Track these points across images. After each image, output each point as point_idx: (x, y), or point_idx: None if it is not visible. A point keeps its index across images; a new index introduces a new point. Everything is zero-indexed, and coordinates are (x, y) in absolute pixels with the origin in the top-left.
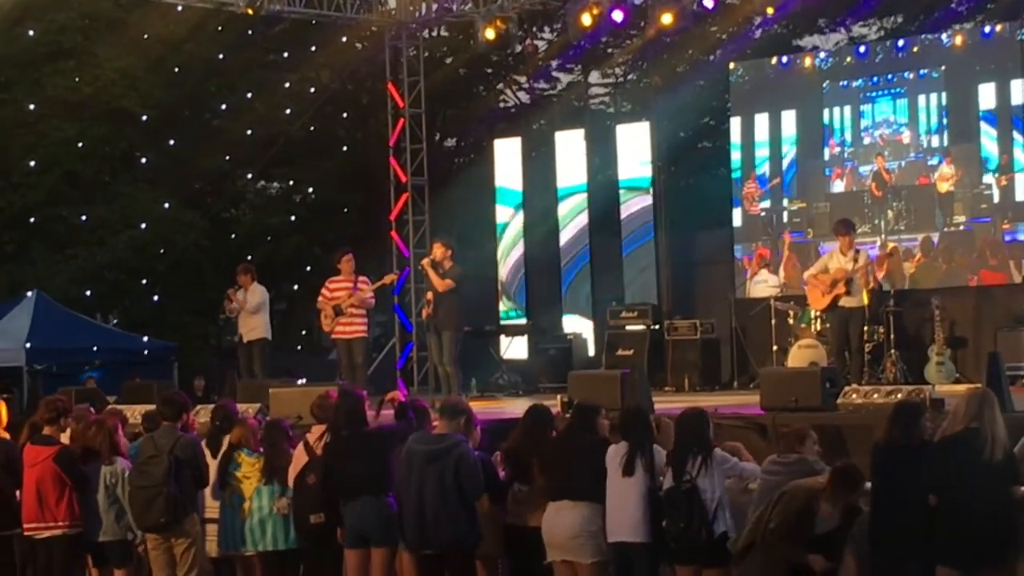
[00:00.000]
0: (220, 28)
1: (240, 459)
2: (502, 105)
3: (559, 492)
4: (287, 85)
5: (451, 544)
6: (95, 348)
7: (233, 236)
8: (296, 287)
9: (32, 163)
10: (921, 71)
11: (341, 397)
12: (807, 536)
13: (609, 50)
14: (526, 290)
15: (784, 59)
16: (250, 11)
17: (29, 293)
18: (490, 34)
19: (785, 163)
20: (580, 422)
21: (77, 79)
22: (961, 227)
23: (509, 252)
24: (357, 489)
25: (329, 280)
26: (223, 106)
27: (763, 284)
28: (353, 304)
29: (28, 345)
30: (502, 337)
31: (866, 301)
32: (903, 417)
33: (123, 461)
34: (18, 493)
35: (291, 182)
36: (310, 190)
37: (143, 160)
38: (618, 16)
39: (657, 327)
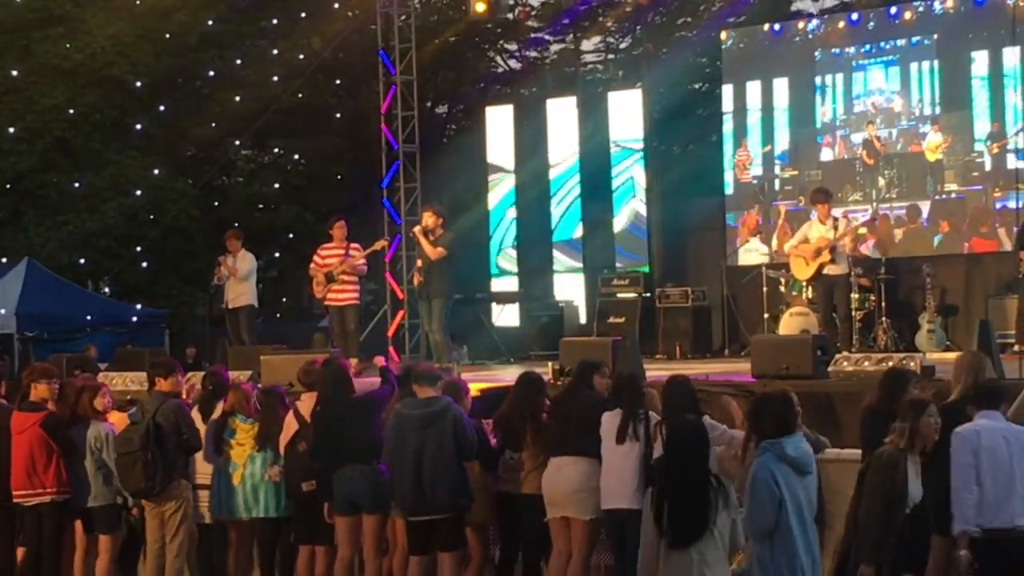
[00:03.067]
0: None
1: (235, 425)
2: (494, 71)
3: (559, 448)
4: (275, 52)
5: (448, 507)
6: (86, 316)
7: (224, 204)
8: (287, 254)
9: (22, 130)
10: (913, 39)
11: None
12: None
13: (601, 17)
14: (517, 257)
15: (777, 26)
16: None
17: (5, 259)
18: (480, 7)
19: (777, 130)
20: (579, 379)
21: (68, 46)
22: (952, 195)
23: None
24: (346, 457)
25: (321, 247)
26: (214, 74)
27: (754, 252)
28: (345, 271)
29: (19, 312)
30: (493, 305)
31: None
32: (888, 384)
33: (107, 424)
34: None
35: (280, 150)
36: (296, 157)
37: (137, 127)
38: None
39: (648, 295)
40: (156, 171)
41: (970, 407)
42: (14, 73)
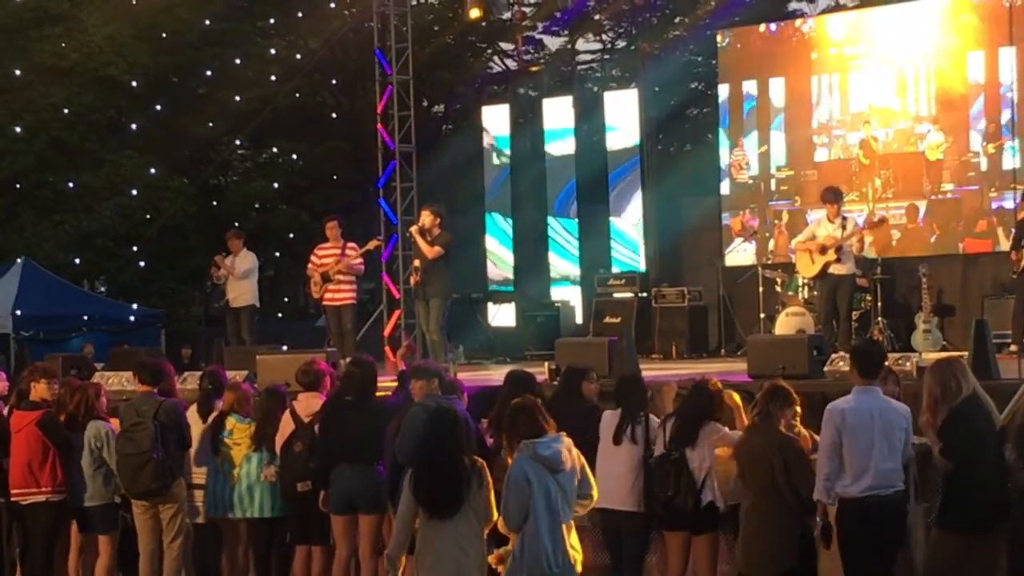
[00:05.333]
0: None
1: (231, 425)
2: (490, 71)
3: None
4: (272, 51)
5: None
6: (82, 315)
7: (221, 203)
8: (284, 254)
9: (18, 129)
10: (910, 39)
11: (354, 364)
12: None
13: (597, 16)
14: (514, 257)
15: (773, 26)
16: None
17: (18, 260)
18: (475, 13)
19: (773, 131)
20: (565, 385)
21: (64, 45)
22: (948, 195)
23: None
24: (351, 455)
25: (318, 247)
26: (211, 73)
27: (740, 252)
28: (340, 271)
29: (15, 312)
30: (490, 304)
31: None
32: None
33: (106, 423)
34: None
35: (277, 150)
36: (293, 156)
37: (133, 126)
38: None
39: (644, 294)
40: (152, 170)
41: (851, 374)
42: (17, 72)
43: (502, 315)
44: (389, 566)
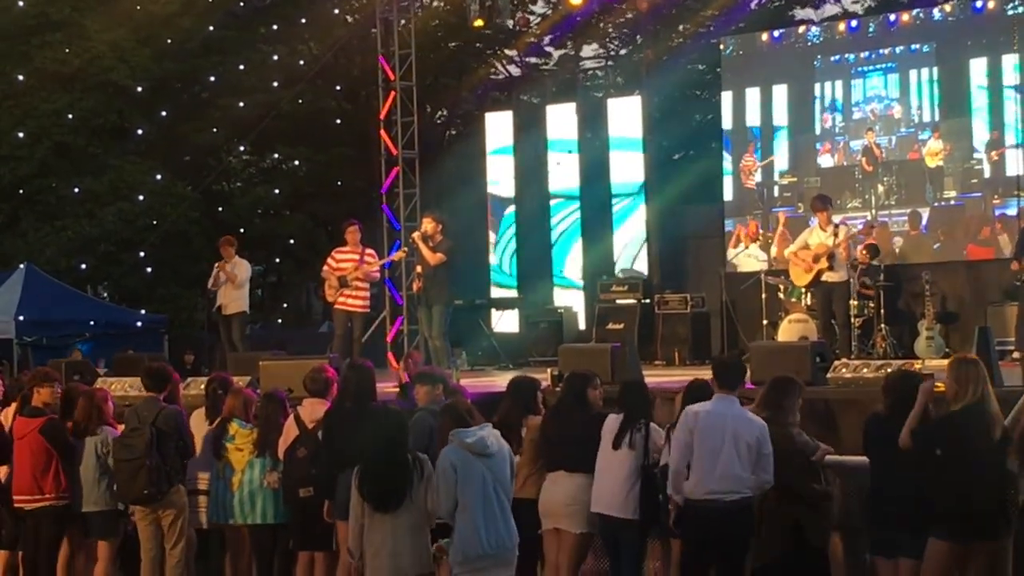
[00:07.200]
0: (211, 0)
1: (233, 431)
2: (494, 78)
3: (555, 463)
4: (275, 58)
5: None
6: (85, 321)
7: (225, 209)
8: (285, 260)
9: (22, 135)
10: (912, 46)
11: (352, 370)
12: None
13: (601, 24)
14: (517, 264)
15: (776, 33)
16: None
17: (20, 265)
18: (478, 23)
19: (776, 137)
20: (570, 392)
21: (67, 51)
22: (952, 202)
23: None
24: (354, 462)
25: (335, 250)
26: (214, 79)
27: (752, 259)
28: (359, 277)
29: (18, 318)
30: (492, 310)
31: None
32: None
33: (111, 430)
34: (3, 469)
35: (280, 156)
36: (296, 162)
37: (139, 132)
38: None
39: (647, 301)
40: (156, 176)
41: (713, 383)
42: (20, 78)
43: (505, 321)
44: (350, 557)
